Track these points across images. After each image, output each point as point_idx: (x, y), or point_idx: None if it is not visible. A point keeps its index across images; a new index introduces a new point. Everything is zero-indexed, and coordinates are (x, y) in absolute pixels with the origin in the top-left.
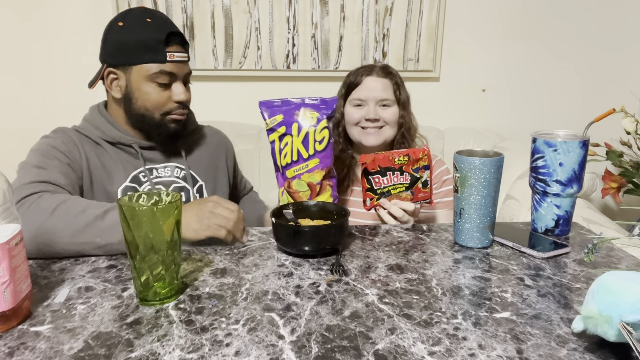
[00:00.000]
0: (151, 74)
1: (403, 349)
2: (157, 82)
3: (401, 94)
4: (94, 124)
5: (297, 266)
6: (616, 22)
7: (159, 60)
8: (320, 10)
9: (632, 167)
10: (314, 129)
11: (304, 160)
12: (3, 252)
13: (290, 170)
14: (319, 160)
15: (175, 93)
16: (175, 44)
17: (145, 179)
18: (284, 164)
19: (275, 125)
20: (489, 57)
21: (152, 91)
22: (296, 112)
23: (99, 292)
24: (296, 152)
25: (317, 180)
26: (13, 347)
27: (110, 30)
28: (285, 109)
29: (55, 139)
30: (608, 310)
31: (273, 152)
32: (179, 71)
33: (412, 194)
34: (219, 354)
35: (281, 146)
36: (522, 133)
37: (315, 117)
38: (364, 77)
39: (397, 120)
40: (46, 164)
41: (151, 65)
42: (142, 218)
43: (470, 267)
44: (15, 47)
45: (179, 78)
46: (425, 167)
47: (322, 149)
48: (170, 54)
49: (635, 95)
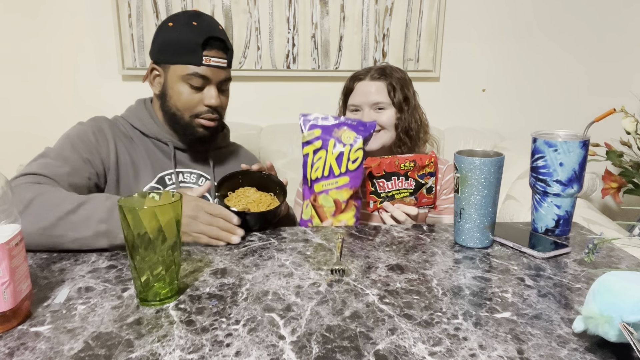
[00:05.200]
0: (185, 75)
1: (404, 349)
2: (190, 83)
3: (396, 96)
4: (137, 115)
5: (298, 266)
6: (616, 22)
7: (195, 62)
8: (320, 10)
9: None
10: (350, 148)
11: (334, 177)
12: (3, 253)
13: (319, 184)
14: (349, 179)
15: (206, 96)
16: (214, 48)
17: (170, 181)
18: (314, 178)
19: (312, 139)
20: (489, 57)
21: (184, 92)
22: (335, 130)
23: (99, 293)
24: (328, 167)
25: (344, 198)
26: (13, 347)
27: (160, 29)
28: (325, 125)
29: (87, 129)
30: (609, 310)
31: (305, 164)
32: (214, 76)
33: (416, 199)
34: (220, 354)
35: (314, 160)
36: (522, 133)
37: (353, 137)
38: (357, 83)
39: (394, 123)
40: (63, 156)
41: (187, 67)
42: (143, 218)
43: (471, 267)
44: (15, 47)
45: (212, 82)
46: (431, 173)
47: (354, 168)
48: (206, 57)
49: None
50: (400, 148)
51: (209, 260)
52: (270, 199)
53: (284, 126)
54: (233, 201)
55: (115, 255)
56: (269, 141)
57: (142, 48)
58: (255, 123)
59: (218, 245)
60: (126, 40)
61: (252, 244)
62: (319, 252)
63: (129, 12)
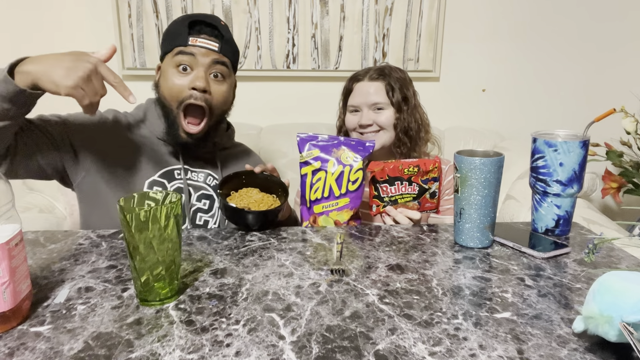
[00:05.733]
0: (172, 58)
1: (404, 349)
2: (177, 67)
3: (394, 96)
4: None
5: (298, 266)
6: (616, 22)
7: (181, 43)
8: (320, 10)
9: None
10: (350, 169)
11: (334, 198)
12: (3, 253)
13: (319, 206)
14: (350, 200)
15: (192, 79)
16: (204, 33)
17: (179, 176)
18: (313, 199)
19: (311, 159)
20: (489, 57)
21: (172, 76)
22: (334, 150)
23: (99, 293)
24: (328, 188)
25: (344, 220)
26: (13, 347)
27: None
28: (323, 145)
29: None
30: (609, 310)
31: (303, 185)
32: (201, 56)
33: (419, 204)
34: (220, 355)
35: (313, 181)
36: (522, 133)
37: (352, 157)
38: (356, 83)
39: (392, 123)
40: (57, 116)
41: (174, 50)
42: (142, 218)
43: (471, 267)
44: (15, 47)
45: (201, 64)
46: (435, 179)
47: (355, 189)
48: (193, 39)
49: (635, 95)
50: (400, 148)
51: (209, 260)
52: (272, 200)
53: (284, 126)
54: (235, 200)
55: (115, 256)
56: (269, 141)
57: (142, 48)
58: (255, 123)
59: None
60: (126, 40)
61: (252, 244)
62: (319, 252)
63: (129, 12)
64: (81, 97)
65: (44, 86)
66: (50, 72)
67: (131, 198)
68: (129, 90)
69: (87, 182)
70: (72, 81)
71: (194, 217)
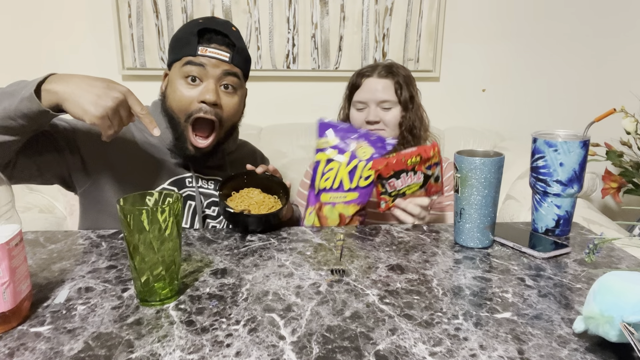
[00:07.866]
0: (181, 68)
1: (404, 349)
2: (186, 78)
3: (402, 94)
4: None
5: (298, 266)
6: (617, 22)
7: (190, 53)
8: (320, 10)
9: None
10: (365, 164)
11: (343, 191)
12: (3, 253)
13: (326, 195)
14: (358, 195)
15: (202, 91)
16: (214, 42)
17: (190, 184)
18: (322, 187)
19: (326, 148)
20: (489, 57)
21: (180, 87)
22: (352, 142)
23: (99, 293)
24: (339, 180)
25: (349, 214)
26: (13, 347)
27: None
28: (343, 135)
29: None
30: (609, 310)
31: (315, 170)
32: (211, 67)
33: (426, 190)
34: (220, 355)
35: (325, 169)
36: (522, 133)
37: (370, 153)
38: (364, 79)
39: (398, 122)
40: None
41: (183, 59)
42: (143, 218)
43: (471, 268)
44: (15, 47)
45: (211, 75)
46: (436, 163)
47: (365, 185)
48: (203, 48)
49: (635, 95)
50: (404, 146)
51: (209, 260)
52: (273, 201)
53: (284, 126)
54: (236, 201)
55: (115, 256)
56: (268, 141)
57: (142, 48)
58: (255, 123)
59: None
60: (126, 40)
61: (252, 244)
62: (319, 252)
63: (129, 12)
64: (107, 128)
65: (69, 109)
66: (79, 97)
67: (131, 198)
68: (154, 123)
69: (94, 189)
70: (101, 111)
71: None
